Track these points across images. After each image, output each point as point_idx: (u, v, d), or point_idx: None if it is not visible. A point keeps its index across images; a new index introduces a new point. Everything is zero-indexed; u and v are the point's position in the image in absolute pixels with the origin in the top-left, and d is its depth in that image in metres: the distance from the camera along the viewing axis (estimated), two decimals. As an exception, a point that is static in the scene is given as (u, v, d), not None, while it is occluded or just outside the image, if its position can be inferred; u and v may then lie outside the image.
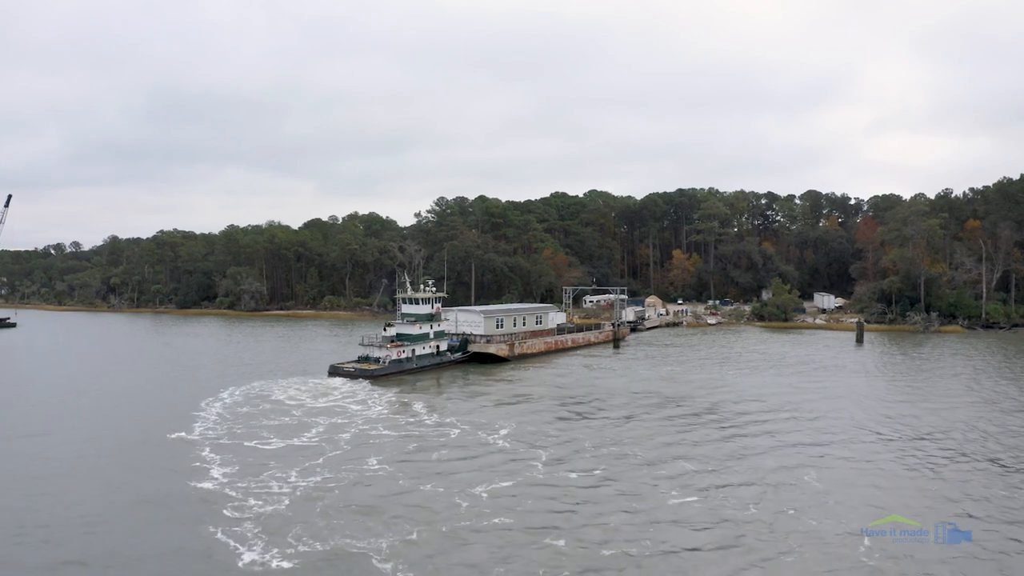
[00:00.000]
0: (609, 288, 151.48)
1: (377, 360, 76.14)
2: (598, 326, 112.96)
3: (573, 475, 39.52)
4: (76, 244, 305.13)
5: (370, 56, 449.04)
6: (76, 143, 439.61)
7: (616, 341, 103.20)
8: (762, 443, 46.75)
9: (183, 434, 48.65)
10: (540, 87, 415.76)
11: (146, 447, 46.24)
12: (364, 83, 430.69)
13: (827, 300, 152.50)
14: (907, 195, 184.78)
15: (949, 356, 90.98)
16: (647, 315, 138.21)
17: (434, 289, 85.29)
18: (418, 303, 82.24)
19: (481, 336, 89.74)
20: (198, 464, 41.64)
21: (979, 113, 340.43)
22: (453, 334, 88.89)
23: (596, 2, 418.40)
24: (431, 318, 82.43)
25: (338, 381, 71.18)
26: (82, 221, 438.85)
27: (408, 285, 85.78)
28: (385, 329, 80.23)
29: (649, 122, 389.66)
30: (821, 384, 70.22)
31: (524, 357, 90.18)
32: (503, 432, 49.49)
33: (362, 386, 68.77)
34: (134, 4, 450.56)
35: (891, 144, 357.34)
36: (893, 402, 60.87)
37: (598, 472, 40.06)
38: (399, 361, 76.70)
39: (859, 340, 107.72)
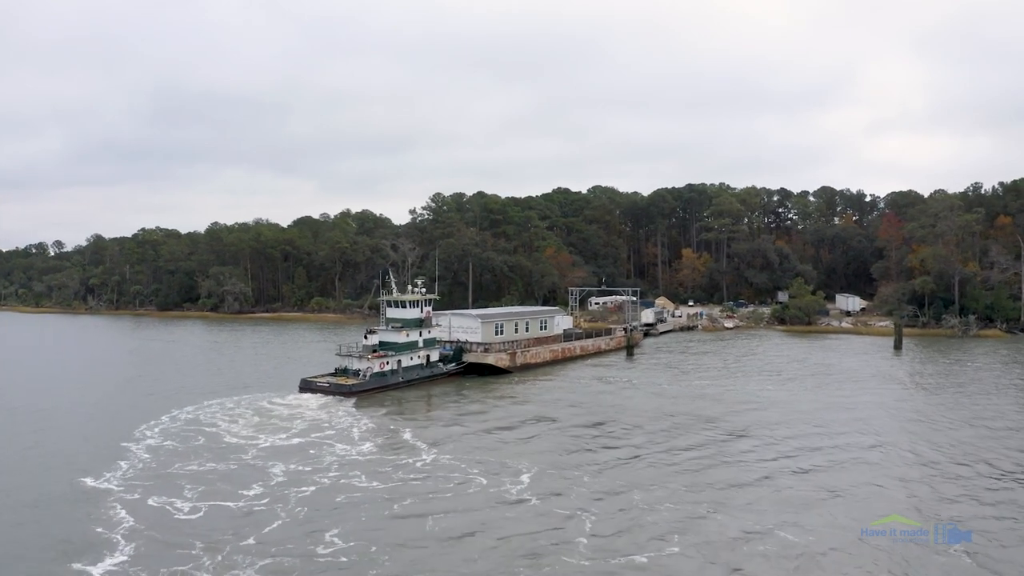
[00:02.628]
0: (619, 289, 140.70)
1: (356, 373, 65.18)
2: (608, 331, 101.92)
3: (639, 558, 27.76)
4: (59, 243, 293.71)
5: (370, 56, 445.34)
6: (77, 143, 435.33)
7: (630, 348, 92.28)
8: (862, 499, 35.69)
9: (93, 481, 37.56)
10: (540, 87, 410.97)
11: (43, 500, 35.17)
12: (364, 83, 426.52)
13: (851, 302, 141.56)
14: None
15: (1014, 365, 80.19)
16: (664, 317, 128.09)
17: (423, 290, 73.82)
18: (405, 306, 70.98)
19: (478, 344, 78.39)
20: (99, 531, 30.68)
21: (979, 113, 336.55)
22: (446, 342, 77.73)
23: (596, 2, 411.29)
24: (420, 324, 71.26)
25: (309, 400, 60.19)
26: (83, 220, 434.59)
27: (394, 286, 74.44)
28: (366, 336, 68.75)
29: (649, 122, 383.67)
30: (879, 402, 59.37)
31: (527, 368, 79.19)
32: (523, 478, 37.76)
33: (337, 406, 57.81)
34: (135, 4, 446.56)
35: (891, 144, 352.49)
36: (982, 429, 50.06)
37: (673, 554, 28.10)
38: (382, 374, 65.67)
39: (897, 346, 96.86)
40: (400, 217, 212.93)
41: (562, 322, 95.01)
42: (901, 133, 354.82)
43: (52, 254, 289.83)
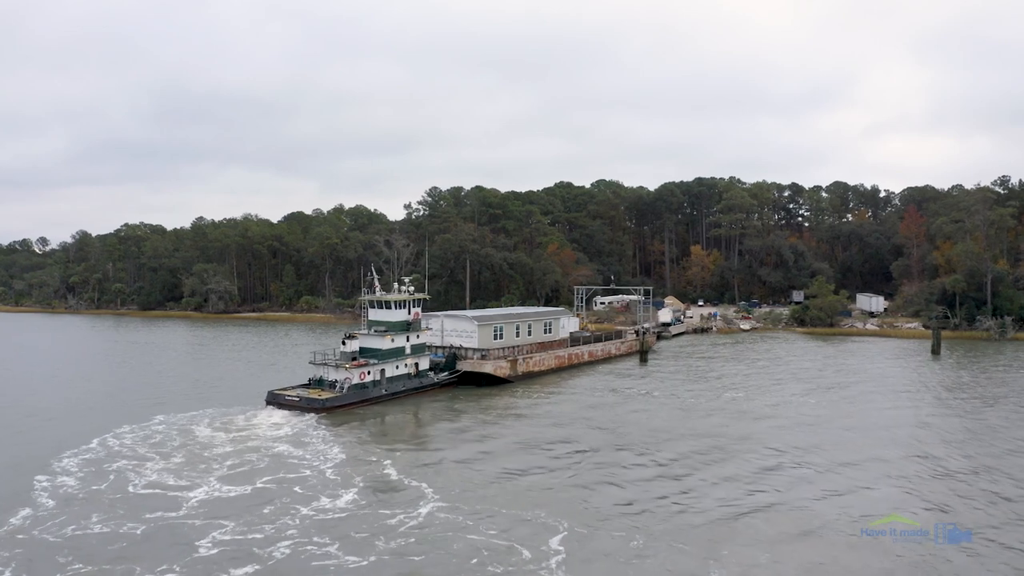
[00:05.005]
0: (627, 288, 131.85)
1: (332, 384, 56.23)
2: (619, 334, 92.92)
3: None
4: (43, 240, 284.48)
5: (375, 57, 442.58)
6: (81, 143, 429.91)
7: (643, 353, 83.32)
8: None
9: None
10: (544, 88, 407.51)
11: None
12: (369, 84, 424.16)
13: (875, 302, 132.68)
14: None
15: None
16: (681, 317, 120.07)
17: (411, 289, 64.47)
18: (390, 307, 61.62)
19: (474, 350, 69.23)
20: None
21: (978, 114, 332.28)
22: (437, 348, 68.75)
23: (601, 5, 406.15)
24: (407, 327, 62.07)
25: (277, 417, 51.20)
26: (85, 220, 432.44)
27: (377, 284, 65.15)
28: (344, 342, 59.54)
29: (652, 123, 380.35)
30: (942, 420, 50.57)
31: (530, 377, 70.25)
32: (553, 543, 28.02)
33: (307, 428, 48.77)
34: (141, 5, 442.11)
35: (891, 146, 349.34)
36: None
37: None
38: (362, 386, 56.64)
39: (935, 351, 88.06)
40: (399, 216, 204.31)
41: (568, 324, 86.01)
42: (901, 135, 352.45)
43: (38, 251, 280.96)
